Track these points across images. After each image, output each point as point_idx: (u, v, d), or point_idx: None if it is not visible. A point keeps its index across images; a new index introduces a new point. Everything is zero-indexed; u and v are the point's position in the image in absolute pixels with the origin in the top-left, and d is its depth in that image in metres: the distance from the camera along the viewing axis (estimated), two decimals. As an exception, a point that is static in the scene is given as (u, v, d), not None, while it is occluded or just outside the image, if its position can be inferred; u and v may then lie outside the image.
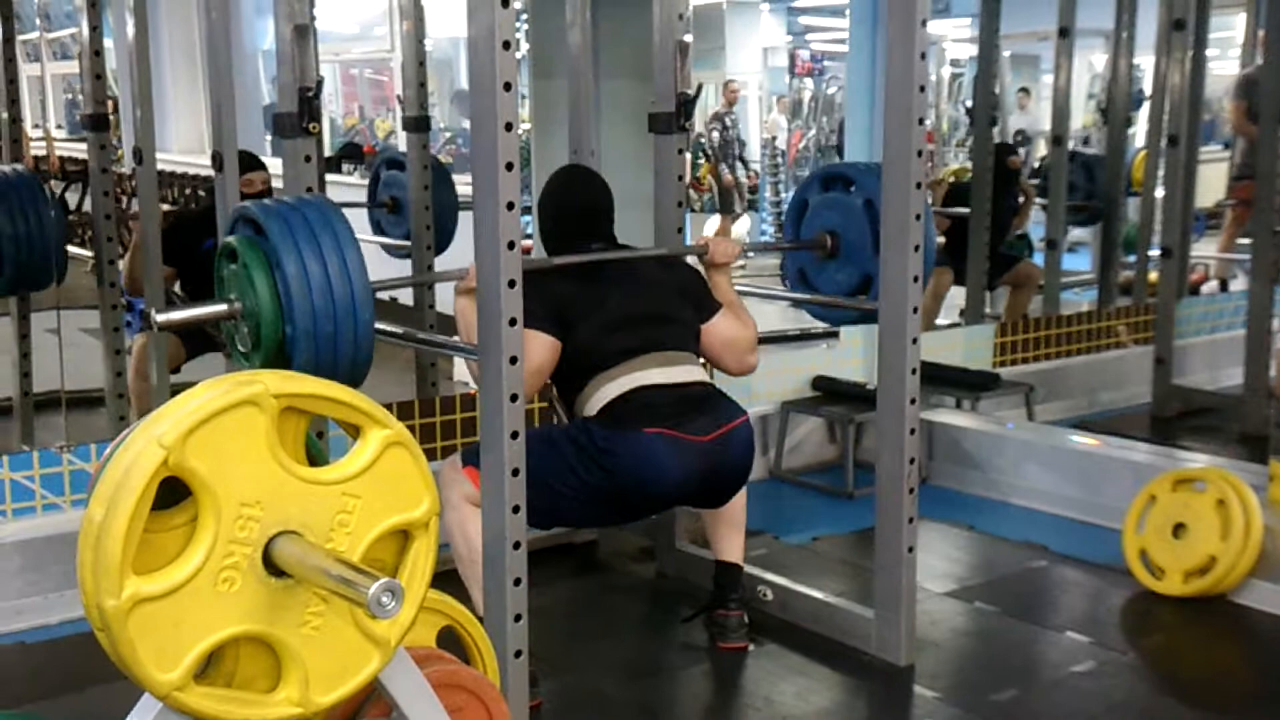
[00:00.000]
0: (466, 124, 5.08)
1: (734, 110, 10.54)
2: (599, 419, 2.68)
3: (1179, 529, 3.16)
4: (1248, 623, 3.06)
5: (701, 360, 2.89)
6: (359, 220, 6.36)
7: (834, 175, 3.12)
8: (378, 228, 4.39)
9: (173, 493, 1.51)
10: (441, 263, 4.12)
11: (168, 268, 3.70)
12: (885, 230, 2.71)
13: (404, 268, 4.33)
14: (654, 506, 2.86)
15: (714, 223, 10.57)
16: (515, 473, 2.22)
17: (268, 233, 2.26)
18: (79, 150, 3.98)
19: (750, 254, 5.44)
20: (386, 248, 4.43)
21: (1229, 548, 3.06)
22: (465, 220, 3.97)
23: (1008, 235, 5.57)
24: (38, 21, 4.22)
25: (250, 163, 3.78)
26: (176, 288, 4.00)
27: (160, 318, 2.41)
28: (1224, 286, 6.36)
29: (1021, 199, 5.70)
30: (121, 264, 3.81)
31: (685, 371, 2.77)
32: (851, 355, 4.54)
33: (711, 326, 2.88)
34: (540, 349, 2.59)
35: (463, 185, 4.11)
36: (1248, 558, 3.06)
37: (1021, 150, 5.82)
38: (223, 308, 2.34)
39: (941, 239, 5.40)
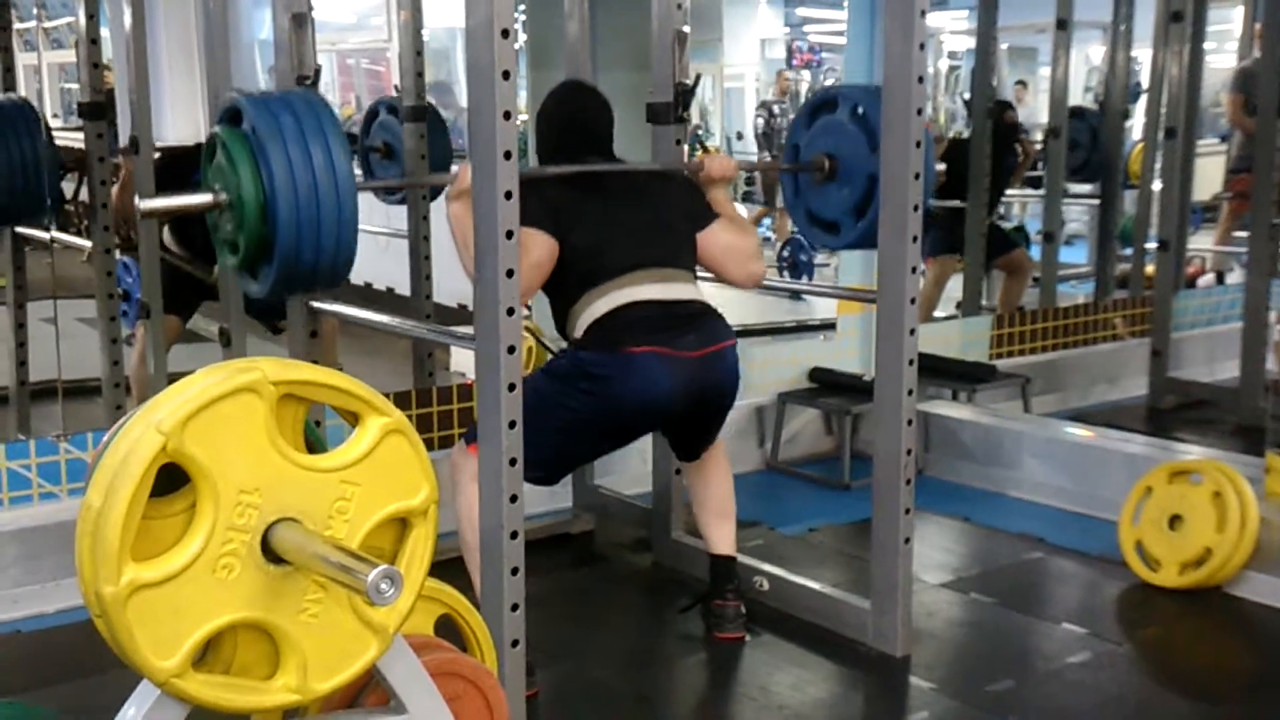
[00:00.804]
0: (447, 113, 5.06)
1: (785, 100, 10.54)
2: (587, 340, 2.67)
3: (1175, 521, 3.17)
4: (1243, 615, 3.06)
5: (696, 279, 2.85)
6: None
7: (827, 100, 3.09)
8: (369, 170, 4.33)
9: (171, 479, 1.51)
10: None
11: None
12: (884, 220, 2.71)
13: (398, 213, 4.29)
14: (646, 423, 2.82)
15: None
16: (513, 462, 2.22)
17: (254, 124, 2.25)
18: (75, 139, 3.97)
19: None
20: (376, 191, 4.37)
21: (1224, 540, 3.07)
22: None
23: (1005, 188, 5.56)
24: (34, 10, 4.20)
25: None
26: (167, 234, 3.96)
27: (144, 204, 2.41)
28: (1220, 279, 6.38)
29: (1022, 155, 5.70)
30: (113, 195, 3.78)
31: (679, 289, 2.74)
32: (848, 347, 4.55)
33: (709, 234, 2.84)
34: (538, 245, 2.56)
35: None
36: (1243, 550, 3.07)
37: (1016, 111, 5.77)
38: (207, 198, 2.34)
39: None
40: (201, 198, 2.34)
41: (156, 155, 3.54)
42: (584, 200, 2.72)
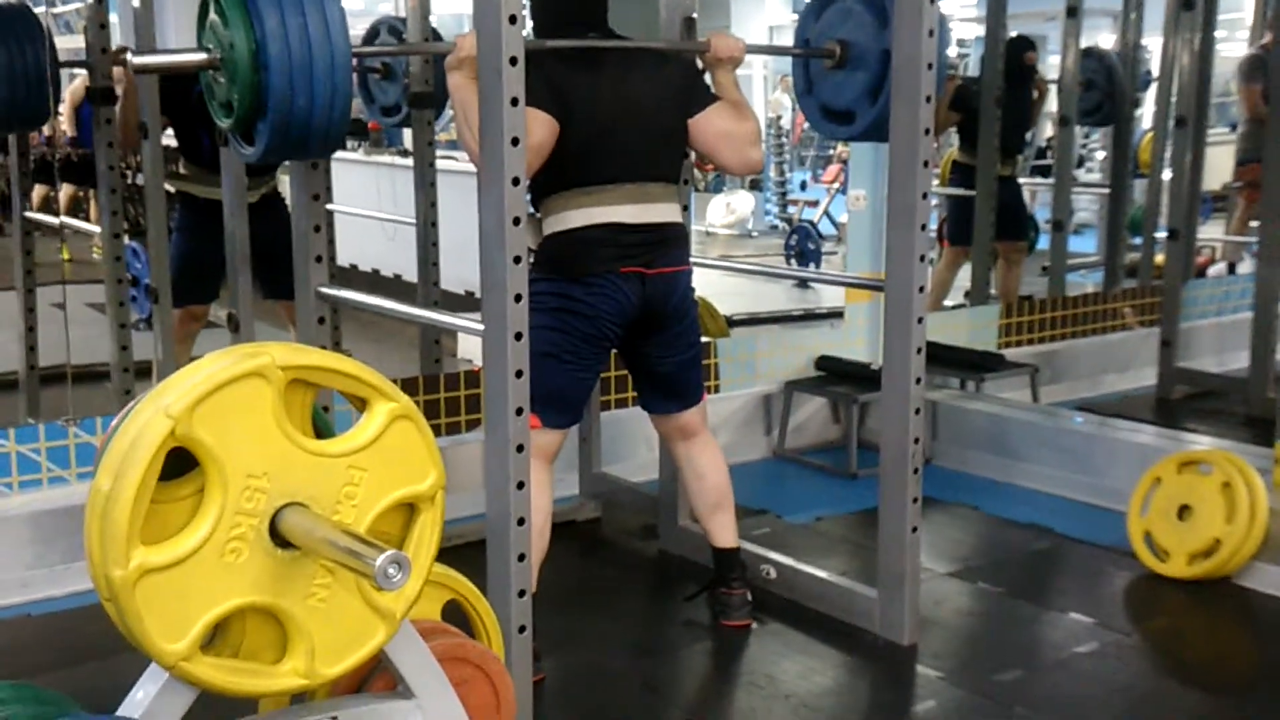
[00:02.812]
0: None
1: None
2: (549, 247, 2.67)
3: (1184, 511, 3.16)
4: (1252, 605, 3.06)
5: (677, 186, 2.81)
6: (359, 195, 6.34)
7: None
8: (366, 92, 4.27)
9: (180, 463, 1.51)
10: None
11: (163, 116, 3.64)
12: (892, 209, 2.70)
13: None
14: (607, 337, 2.74)
15: (718, 202, 10.56)
16: (520, 449, 2.22)
17: None
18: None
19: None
20: (372, 109, 4.32)
21: (1234, 530, 3.06)
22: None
23: (1025, 130, 5.49)
24: (43, -5, 4.20)
25: None
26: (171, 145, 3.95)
27: (137, 60, 2.38)
28: (1233, 270, 6.35)
29: (1036, 94, 5.66)
30: (115, 114, 3.74)
31: (654, 210, 2.71)
32: (856, 335, 4.54)
33: (703, 119, 2.77)
34: (540, 125, 2.51)
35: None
36: (1252, 541, 3.06)
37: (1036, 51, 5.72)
38: (201, 56, 2.32)
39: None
40: (196, 55, 2.32)
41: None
42: (583, 82, 2.65)
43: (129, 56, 2.34)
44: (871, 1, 2.86)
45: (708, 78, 2.86)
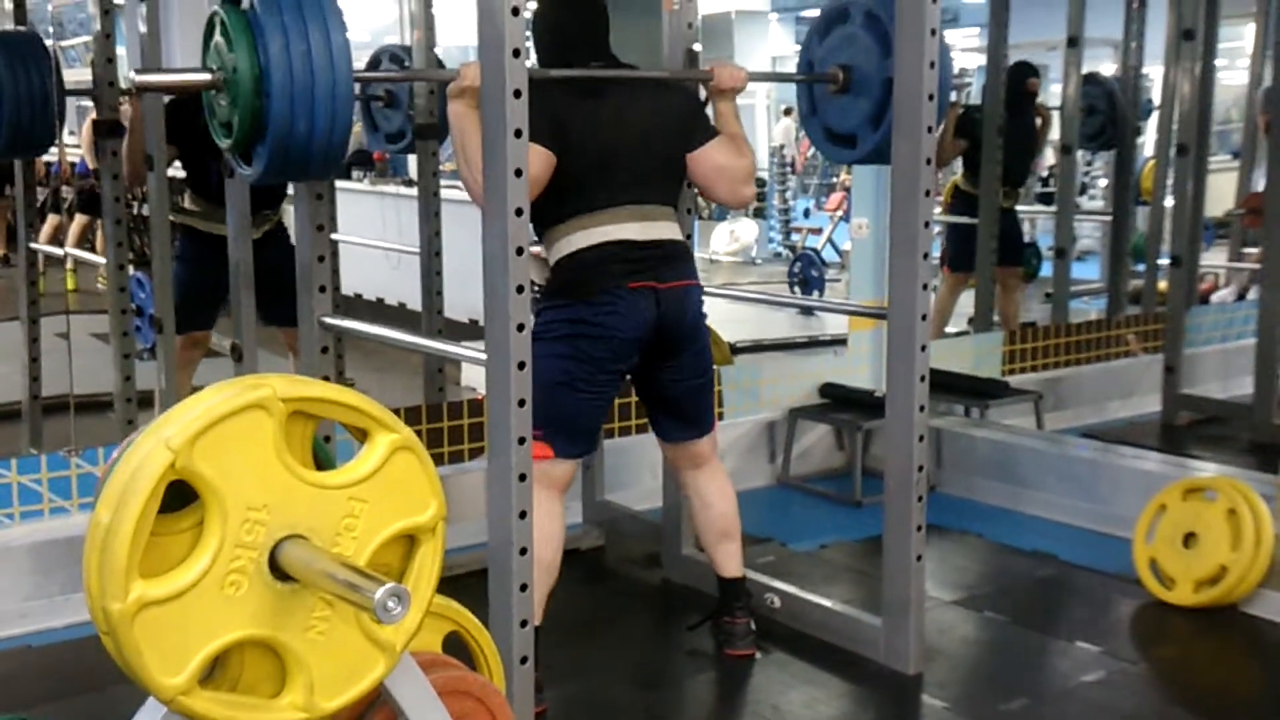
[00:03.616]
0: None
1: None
2: (559, 275, 2.67)
3: (1189, 539, 3.15)
4: (1259, 633, 3.04)
5: (677, 212, 2.83)
6: (365, 224, 6.36)
7: (839, 11, 3.02)
8: (370, 120, 4.29)
9: (180, 496, 1.50)
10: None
11: (170, 146, 3.67)
12: (894, 237, 2.70)
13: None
14: (622, 356, 2.72)
15: (722, 230, 10.58)
16: (522, 478, 2.22)
17: (254, 3, 2.26)
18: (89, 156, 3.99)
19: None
20: (376, 138, 4.32)
21: (1240, 558, 3.05)
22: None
23: (1031, 160, 5.51)
24: (50, 29, 4.23)
25: None
26: (177, 168, 3.96)
27: (140, 78, 2.40)
28: (1243, 297, 6.34)
29: (1040, 122, 5.67)
30: (122, 149, 3.77)
31: (657, 228, 2.72)
32: (860, 362, 4.54)
33: (702, 153, 2.79)
34: (534, 158, 2.48)
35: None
36: (1259, 568, 3.04)
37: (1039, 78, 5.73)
38: (205, 76, 2.33)
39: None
40: (200, 75, 2.34)
41: (166, 100, 3.52)
42: (583, 111, 2.67)
43: (132, 74, 2.36)
44: (875, 28, 2.88)
45: (709, 103, 2.88)
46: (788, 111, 12.00)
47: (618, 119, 2.70)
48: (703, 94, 2.94)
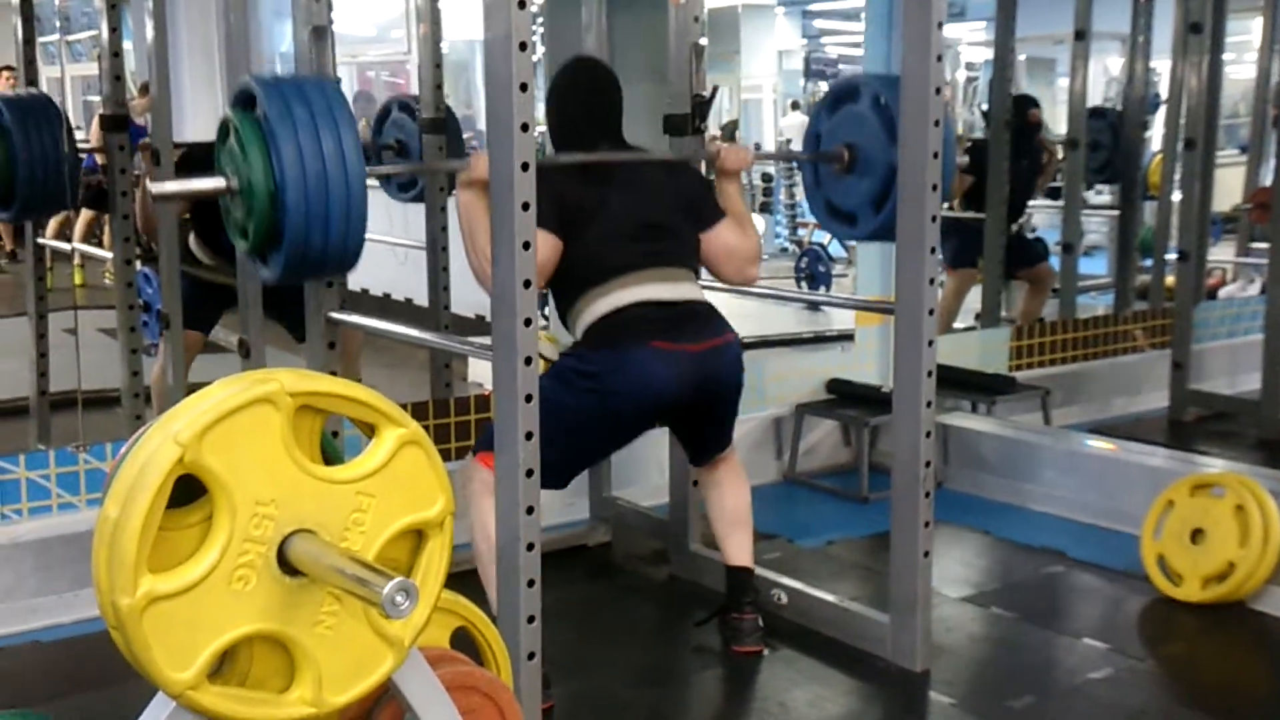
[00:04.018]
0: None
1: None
2: (589, 339, 2.68)
3: (1197, 535, 3.14)
4: (1266, 630, 3.03)
5: (700, 279, 2.86)
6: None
7: (848, 89, 3.08)
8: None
9: (188, 491, 1.50)
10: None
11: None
12: (901, 232, 2.70)
13: (410, 212, 4.29)
14: (649, 417, 2.80)
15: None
16: (530, 474, 2.22)
17: (266, 109, 2.25)
18: (97, 151, 3.99)
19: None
20: (387, 187, 4.35)
21: (1248, 554, 3.04)
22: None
23: (1031, 194, 5.52)
24: (57, 24, 4.23)
25: None
26: (192, 241, 3.97)
27: (155, 188, 2.43)
28: (1264, 291, 6.30)
29: (1045, 156, 5.66)
30: (135, 204, 3.79)
31: (681, 289, 2.75)
32: (866, 358, 4.53)
33: (713, 235, 2.85)
34: (543, 245, 2.53)
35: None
36: (1267, 564, 3.04)
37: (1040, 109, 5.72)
38: (220, 183, 2.34)
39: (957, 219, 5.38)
40: (214, 182, 2.35)
41: (177, 152, 3.55)
42: (592, 194, 2.71)
43: (149, 185, 2.41)
44: (883, 113, 2.91)
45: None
46: (795, 105, 11.99)
47: (628, 202, 2.74)
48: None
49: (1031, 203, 5.88)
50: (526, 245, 2.17)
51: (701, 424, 2.87)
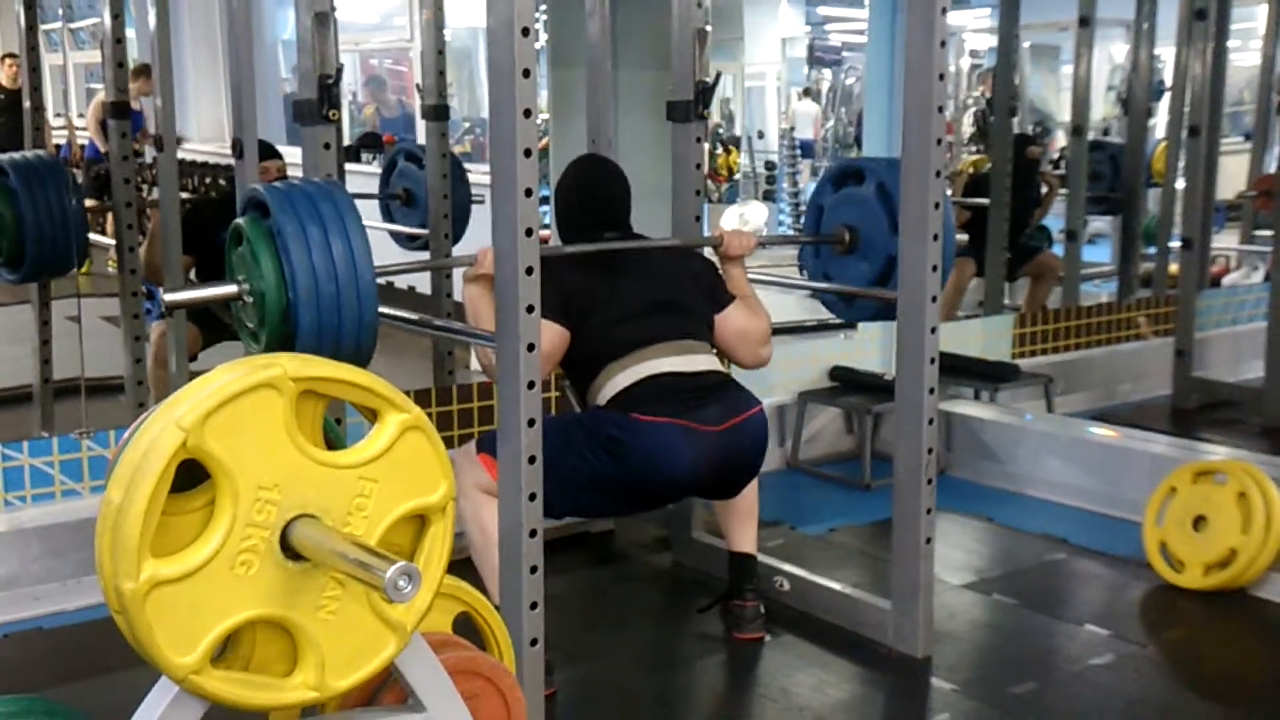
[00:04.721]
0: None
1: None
2: (611, 407, 2.68)
3: (1199, 522, 3.14)
4: (1268, 617, 3.03)
5: (715, 351, 2.88)
6: (370, 209, 6.38)
7: (852, 171, 3.14)
8: (389, 219, 4.38)
9: (191, 476, 1.51)
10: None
11: (186, 256, 3.70)
12: (904, 219, 2.69)
13: (414, 259, 4.33)
14: (665, 496, 2.85)
15: (731, 213, 10.56)
16: (532, 460, 2.22)
17: (275, 216, 2.26)
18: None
19: (766, 246, 5.47)
20: (396, 237, 4.41)
21: (1250, 541, 3.04)
22: (478, 214, 3.98)
23: (1029, 227, 5.54)
24: (60, 11, 4.24)
25: (265, 151, 3.79)
26: (193, 276, 4.01)
27: (169, 297, 2.47)
28: (1269, 278, 6.30)
29: (1045, 189, 5.67)
30: (141, 251, 3.82)
31: (699, 360, 2.77)
32: (869, 346, 4.53)
33: (725, 317, 2.89)
34: (549, 337, 2.58)
35: (476, 177, 4.11)
36: (1268, 551, 3.04)
37: (1040, 145, 5.77)
38: (231, 289, 2.35)
39: (963, 236, 5.38)
40: (226, 289, 2.37)
41: (184, 206, 3.58)
42: (599, 282, 2.74)
43: (164, 295, 2.42)
44: (886, 201, 2.93)
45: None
46: (806, 92, 11.98)
47: (639, 280, 2.78)
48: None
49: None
50: (529, 232, 2.17)
51: (722, 493, 2.88)
